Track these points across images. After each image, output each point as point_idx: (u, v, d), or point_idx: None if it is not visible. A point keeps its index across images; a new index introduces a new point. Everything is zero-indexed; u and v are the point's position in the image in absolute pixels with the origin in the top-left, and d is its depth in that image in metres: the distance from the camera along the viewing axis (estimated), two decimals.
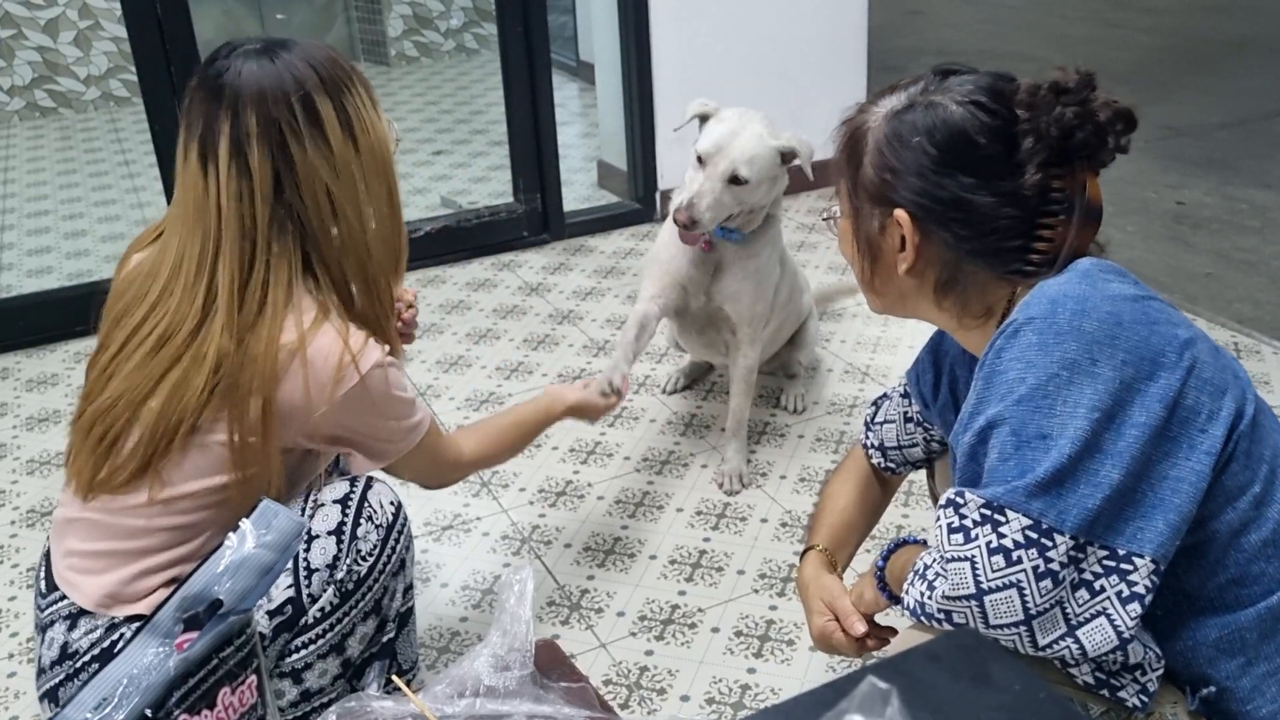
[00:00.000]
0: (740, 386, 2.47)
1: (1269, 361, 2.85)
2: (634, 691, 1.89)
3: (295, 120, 1.38)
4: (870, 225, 1.26)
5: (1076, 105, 1.15)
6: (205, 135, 1.39)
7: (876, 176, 1.23)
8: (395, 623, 1.60)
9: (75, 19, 5.71)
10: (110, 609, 1.44)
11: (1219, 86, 5.38)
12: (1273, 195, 4.01)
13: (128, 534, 1.45)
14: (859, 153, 1.25)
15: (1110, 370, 1.07)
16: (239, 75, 1.38)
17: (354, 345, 1.43)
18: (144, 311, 1.43)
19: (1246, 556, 1.14)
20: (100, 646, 1.43)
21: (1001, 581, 1.06)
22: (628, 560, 2.23)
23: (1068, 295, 1.11)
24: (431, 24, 6.68)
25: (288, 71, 1.39)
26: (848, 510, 1.61)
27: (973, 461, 1.15)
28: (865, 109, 1.27)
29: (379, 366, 1.46)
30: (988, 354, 1.15)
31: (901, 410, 1.59)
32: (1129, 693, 1.13)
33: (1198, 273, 3.43)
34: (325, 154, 1.41)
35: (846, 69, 4.05)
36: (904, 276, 1.26)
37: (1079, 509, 1.06)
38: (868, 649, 1.43)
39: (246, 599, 0.90)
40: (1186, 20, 6.82)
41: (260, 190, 1.38)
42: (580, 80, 5.75)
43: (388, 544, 1.54)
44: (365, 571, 1.50)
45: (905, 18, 7.12)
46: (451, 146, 5.03)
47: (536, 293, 3.47)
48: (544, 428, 1.97)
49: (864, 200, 1.26)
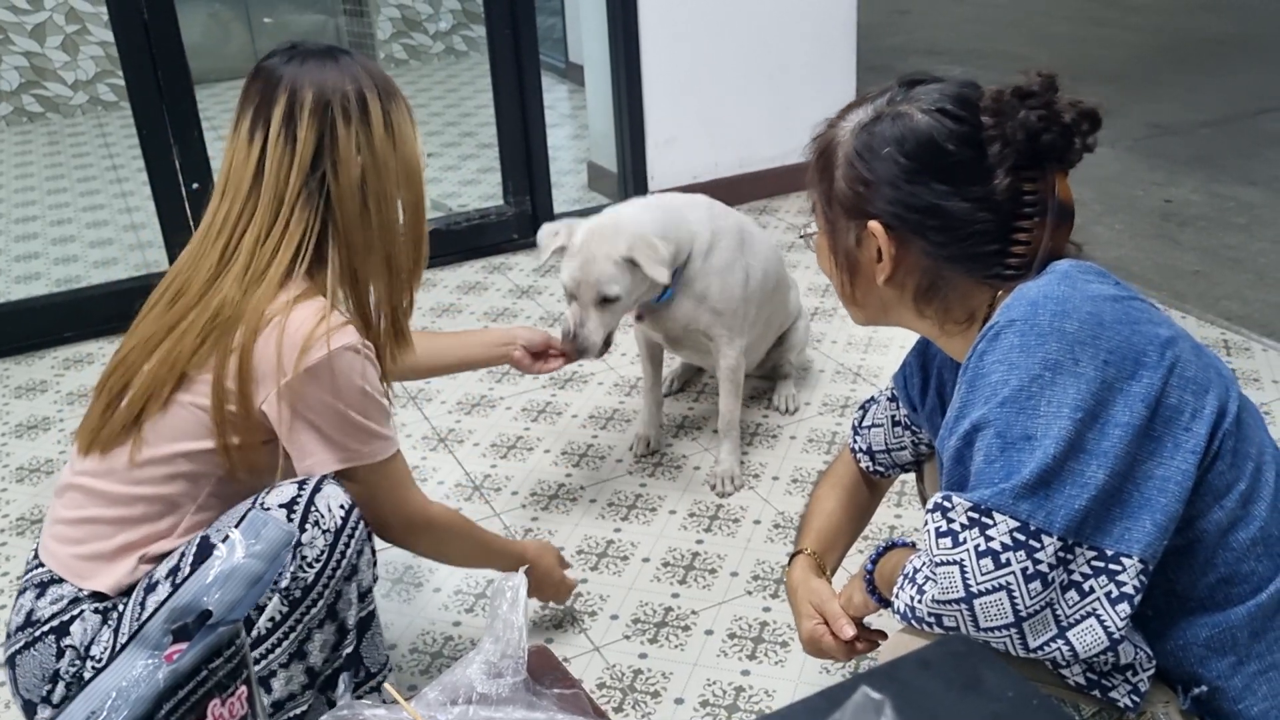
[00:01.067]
0: (727, 387, 2.46)
1: (1259, 359, 2.86)
2: (628, 695, 1.89)
3: (348, 105, 1.49)
4: (847, 239, 1.27)
5: (1041, 108, 1.16)
6: (259, 109, 1.49)
7: (850, 189, 1.24)
8: (355, 630, 1.55)
9: (62, 24, 5.69)
10: (79, 580, 1.49)
11: (1205, 84, 5.40)
12: (1259, 192, 4.03)
13: (107, 501, 1.50)
14: (831, 168, 1.26)
15: (1093, 370, 1.08)
16: (301, 64, 1.50)
17: (333, 321, 1.46)
18: (174, 271, 1.54)
19: (1236, 555, 1.15)
20: (59, 619, 1.47)
21: (991, 584, 1.06)
22: (620, 563, 2.23)
23: (1048, 297, 1.12)
24: (420, 26, 6.67)
25: (347, 69, 1.52)
26: (835, 514, 1.62)
27: (959, 465, 1.15)
28: (834, 124, 1.28)
29: (352, 350, 1.47)
30: (971, 357, 1.15)
31: (889, 414, 1.60)
32: (1120, 693, 1.13)
33: (1186, 270, 3.44)
34: (367, 142, 1.51)
35: (835, 69, 4.06)
36: (884, 287, 1.26)
37: (1066, 510, 1.06)
38: (857, 652, 1.43)
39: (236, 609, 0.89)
40: (1172, 18, 6.85)
41: (300, 160, 1.48)
42: (569, 82, 5.75)
43: (336, 549, 1.48)
44: (312, 578, 1.46)
45: (893, 17, 7.13)
46: (441, 149, 5.02)
47: (527, 295, 3.47)
48: (502, 567, 1.85)
49: (839, 214, 1.27)
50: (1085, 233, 1.29)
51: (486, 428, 2.73)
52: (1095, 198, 4.04)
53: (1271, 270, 3.41)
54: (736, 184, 4.02)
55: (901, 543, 1.36)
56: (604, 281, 2.17)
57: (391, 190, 1.54)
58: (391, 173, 1.54)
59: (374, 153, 1.52)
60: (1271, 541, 1.16)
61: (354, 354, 1.48)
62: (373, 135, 1.51)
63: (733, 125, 3.98)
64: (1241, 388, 1.21)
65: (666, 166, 3.93)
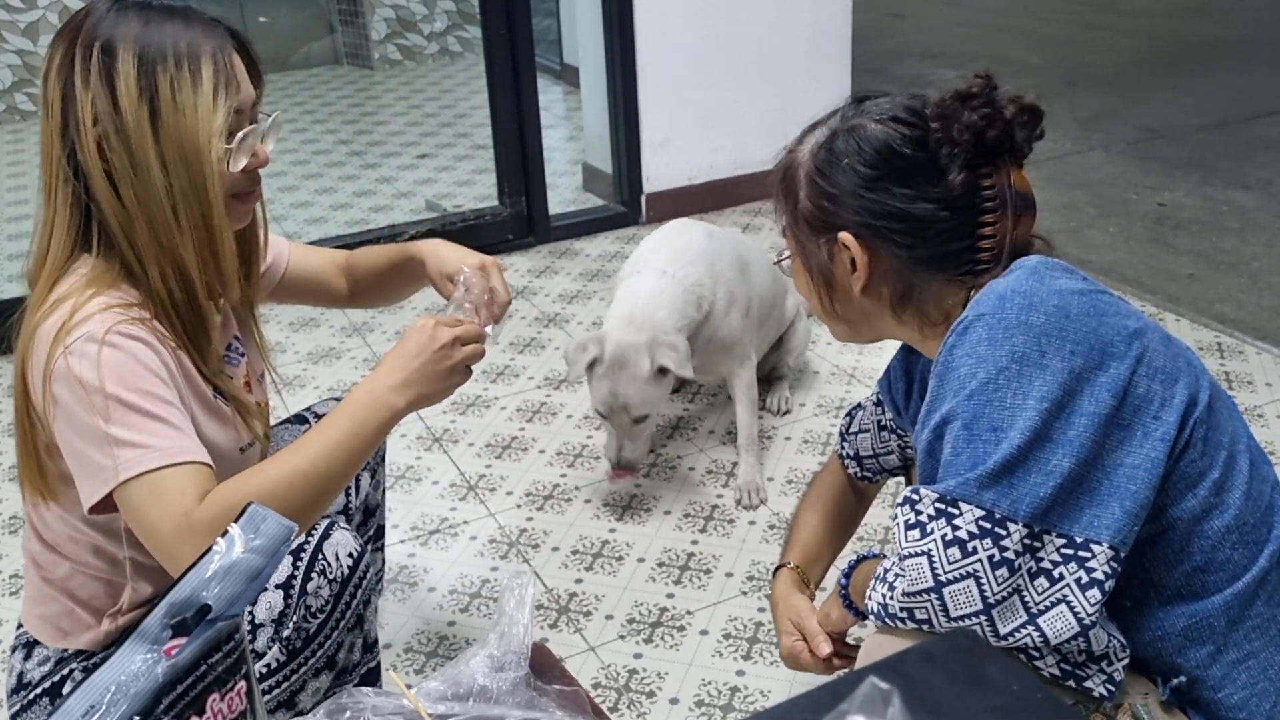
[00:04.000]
0: (744, 404, 2.50)
1: (1252, 361, 2.87)
2: (623, 695, 1.89)
3: (89, 64, 1.25)
4: (819, 256, 1.30)
5: (983, 108, 1.20)
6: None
7: (814, 206, 1.27)
8: (357, 684, 1.48)
9: (55, 22, 5.67)
10: (54, 642, 1.42)
11: (1198, 88, 5.42)
12: (1252, 196, 4.04)
13: (45, 563, 1.42)
14: (794, 189, 1.30)
15: (1059, 361, 1.10)
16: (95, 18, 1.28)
17: (82, 314, 1.23)
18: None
19: (1210, 543, 1.16)
20: (50, 681, 1.42)
21: (959, 572, 1.08)
22: (615, 563, 2.22)
23: (1015, 291, 1.14)
24: (415, 27, 6.66)
25: (126, 25, 1.26)
26: (819, 527, 1.64)
27: (930, 458, 1.17)
28: (793, 149, 1.32)
29: (91, 340, 1.22)
30: (941, 352, 1.17)
31: (875, 419, 1.61)
32: (1095, 683, 1.14)
33: (1180, 274, 3.45)
34: (109, 109, 1.25)
35: (830, 72, 4.06)
36: (861, 297, 1.29)
37: (1031, 497, 1.07)
38: (835, 669, 1.45)
39: (235, 604, 0.89)
40: (1165, 22, 6.87)
41: (50, 129, 1.28)
42: (565, 83, 5.75)
43: (341, 599, 1.41)
44: (315, 628, 1.38)
45: (888, 20, 7.15)
46: (436, 150, 5.02)
47: (522, 296, 3.47)
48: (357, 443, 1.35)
49: (806, 233, 1.30)
50: (1079, 236, 1.31)
51: (481, 428, 2.73)
52: (1089, 201, 4.05)
53: (1265, 274, 3.42)
54: (731, 186, 4.02)
55: (871, 555, 1.38)
56: (637, 405, 2.24)
57: (147, 170, 1.26)
58: (147, 150, 1.25)
59: (119, 123, 1.25)
60: (1246, 529, 1.17)
61: (95, 346, 1.22)
62: (118, 101, 1.24)
63: (728, 127, 3.99)
64: (1235, 391, 1.22)
65: (661, 168, 3.93)
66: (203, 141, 1.27)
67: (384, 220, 4.06)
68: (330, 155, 5.04)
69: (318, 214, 4.25)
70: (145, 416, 1.22)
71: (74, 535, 1.39)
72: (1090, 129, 4.86)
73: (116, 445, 1.21)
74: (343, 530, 1.43)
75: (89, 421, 1.21)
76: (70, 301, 1.25)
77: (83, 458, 1.23)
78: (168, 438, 1.23)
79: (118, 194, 1.27)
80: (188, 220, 1.29)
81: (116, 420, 1.21)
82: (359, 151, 5.10)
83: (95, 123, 1.25)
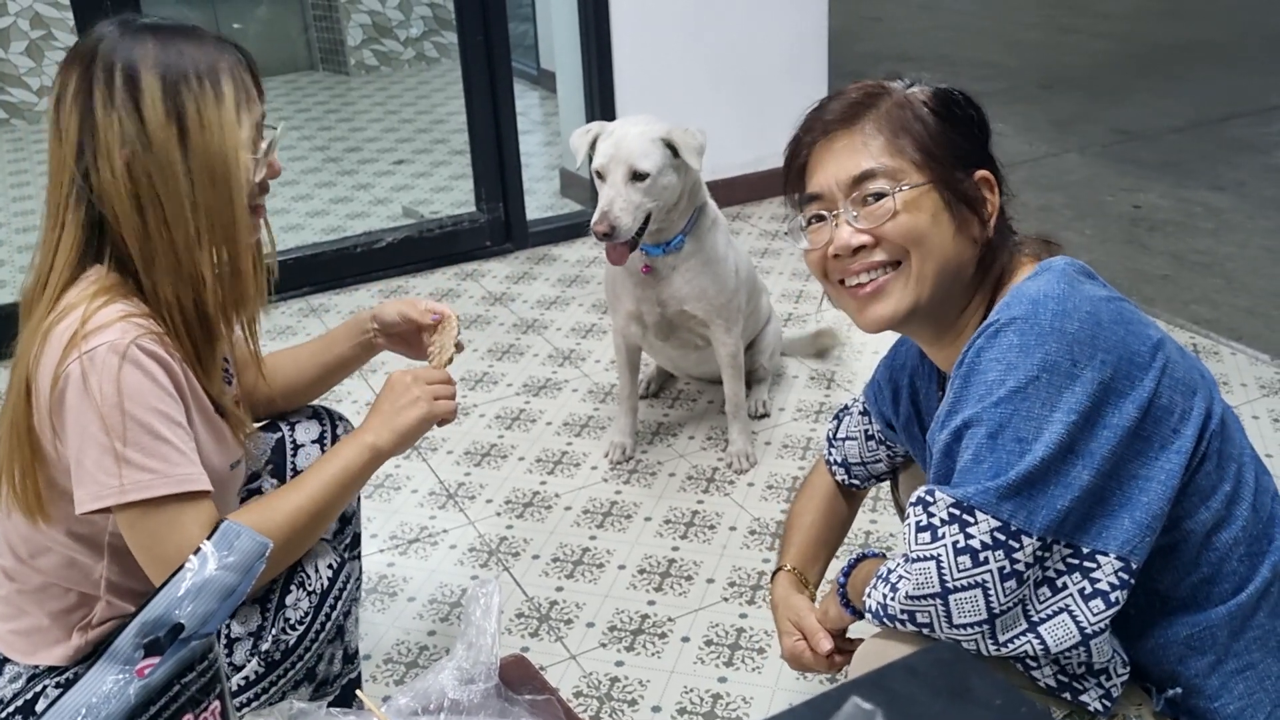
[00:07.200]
0: (730, 372, 2.51)
1: (1227, 362, 2.89)
2: (605, 703, 1.88)
3: (112, 88, 1.25)
4: (966, 186, 1.21)
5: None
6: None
7: (961, 136, 1.23)
8: (339, 698, 1.48)
9: (27, 29, 5.62)
10: (23, 658, 1.40)
11: (1172, 90, 5.46)
12: (1226, 197, 4.07)
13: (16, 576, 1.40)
14: (919, 117, 1.21)
15: (1090, 372, 1.08)
16: (106, 42, 1.28)
17: (98, 320, 1.23)
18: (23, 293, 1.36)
19: (1219, 555, 1.16)
20: (23, 699, 1.39)
21: (967, 581, 1.07)
22: (596, 570, 2.21)
23: (1049, 295, 1.12)
24: (391, 33, 6.64)
25: (144, 47, 1.27)
26: (814, 528, 1.63)
27: (947, 459, 1.15)
28: (879, 84, 1.26)
29: (113, 352, 1.22)
30: (967, 353, 1.15)
31: (863, 428, 1.61)
32: (1092, 696, 1.13)
33: (1155, 275, 3.47)
34: (137, 132, 1.26)
35: (807, 75, 4.07)
36: (976, 240, 1.22)
37: (1048, 510, 1.06)
38: (837, 666, 1.44)
39: (208, 623, 0.88)
40: (1139, 25, 6.92)
41: (65, 152, 1.28)
42: (541, 88, 5.73)
43: (321, 610, 1.41)
44: (294, 641, 1.38)
45: (864, 24, 7.17)
46: (412, 156, 5.00)
47: (500, 302, 3.45)
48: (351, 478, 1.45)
49: (948, 163, 1.21)
50: (1054, 238, 1.31)
51: (460, 435, 2.72)
52: (1065, 203, 4.07)
53: (1239, 274, 3.44)
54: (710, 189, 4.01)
55: (872, 554, 1.37)
56: (636, 156, 2.20)
57: (176, 188, 1.27)
58: (176, 168, 1.26)
59: (147, 143, 1.25)
60: (1251, 542, 1.17)
61: (116, 358, 1.21)
62: (145, 122, 1.25)
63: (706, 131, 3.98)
64: None
65: None
66: (230, 156, 1.29)
67: (361, 227, 4.03)
68: (306, 161, 5.01)
69: (294, 221, 4.22)
70: (156, 439, 1.24)
71: (50, 546, 1.37)
72: (1065, 131, 4.88)
73: (125, 464, 1.22)
74: (322, 542, 1.42)
75: (100, 434, 1.22)
76: (81, 308, 1.25)
77: (86, 467, 1.23)
78: (175, 464, 1.25)
79: (141, 214, 1.28)
80: (210, 237, 1.30)
81: (131, 441, 1.22)
82: (335, 158, 5.07)
83: (123, 144, 1.26)
